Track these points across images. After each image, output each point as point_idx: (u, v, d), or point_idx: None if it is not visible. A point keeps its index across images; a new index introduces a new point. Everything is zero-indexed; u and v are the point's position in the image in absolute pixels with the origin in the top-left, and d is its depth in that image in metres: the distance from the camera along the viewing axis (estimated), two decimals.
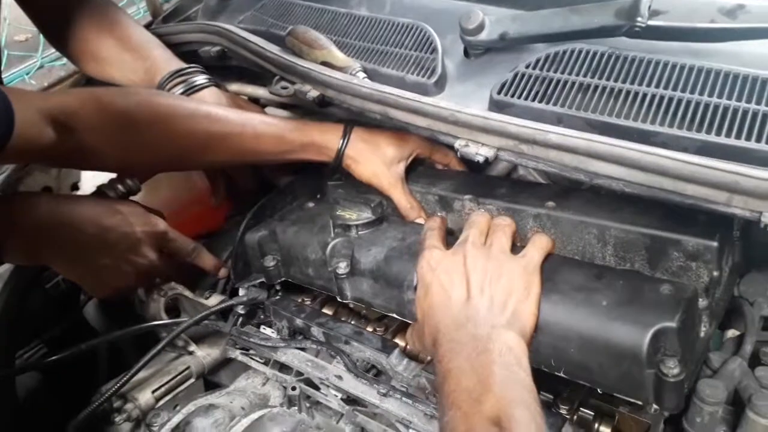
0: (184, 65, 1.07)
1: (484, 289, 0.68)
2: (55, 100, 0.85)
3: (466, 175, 1.00)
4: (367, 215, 0.88)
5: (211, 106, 0.97)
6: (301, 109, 1.21)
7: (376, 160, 0.94)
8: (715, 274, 0.70)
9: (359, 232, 0.88)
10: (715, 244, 0.69)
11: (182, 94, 1.04)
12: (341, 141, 0.94)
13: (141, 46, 1.09)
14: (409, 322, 0.81)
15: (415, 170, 0.99)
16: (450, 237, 0.81)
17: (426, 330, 0.70)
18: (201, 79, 1.07)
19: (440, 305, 0.69)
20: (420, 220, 0.93)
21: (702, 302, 0.70)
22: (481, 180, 0.97)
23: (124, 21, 1.13)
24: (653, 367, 0.62)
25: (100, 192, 0.97)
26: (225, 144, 0.94)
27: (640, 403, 0.66)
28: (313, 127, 0.97)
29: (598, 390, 0.69)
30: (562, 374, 0.69)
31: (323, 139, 0.95)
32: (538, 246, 0.73)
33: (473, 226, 0.77)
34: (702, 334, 0.72)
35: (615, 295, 0.67)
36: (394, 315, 0.82)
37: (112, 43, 1.09)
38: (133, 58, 1.08)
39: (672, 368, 0.61)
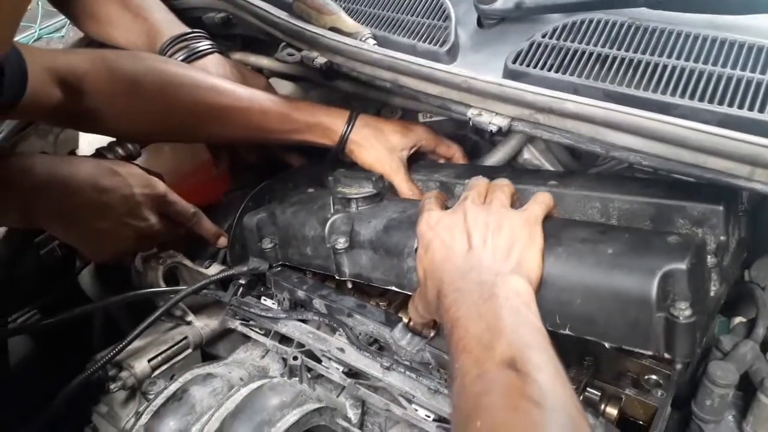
0: (187, 29, 1.05)
1: (487, 240, 0.65)
2: (65, 59, 0.83)
3: (468, 165, 1.00)
4: (368, 189, 0.86)
5: (219, 79, 0.95)
6: (305, 82, 1.18)
7: (379, 146, 0.94)
8: (723, 238, 0.68)
9: (359, 207, 0.87)
10: (721, 208, 0.67)
11: (184, 60, 1.01)
12: (346, 125, 0.94)
13: (142, 8, 1.06)
14: (410, 294, 0.79)
15: (417, 162, 1.00)
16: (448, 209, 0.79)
17: (429, 286, 0.67)
18: (204, 44, 1.04)
19: (442, 259, 0.66)
20: None
21: (711, 259, 0.67)
22: (483, 168, 0.97)
23: None
24: (663, 311, 0.59)
25: (99, 154, 0.95)
26: (231, 118, 0.93)
27: (649, 353, 0.61)
28: (320, 109, 0.97)
29: (606, 344, 0.65)
30: (567, 331, 0.65)
31: (329, 121, 0.95)
32: (539, 201, 0.70)
33: (472, 188, 0.74)
34: (712, 293, 0.69)
35: (621, 245, 0.64)
36: (394, 287, 0.80)
37: (113, 2, 1.06)
38: (134, 19, 1.05)
39: (683, 310, 0.57)
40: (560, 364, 0.54)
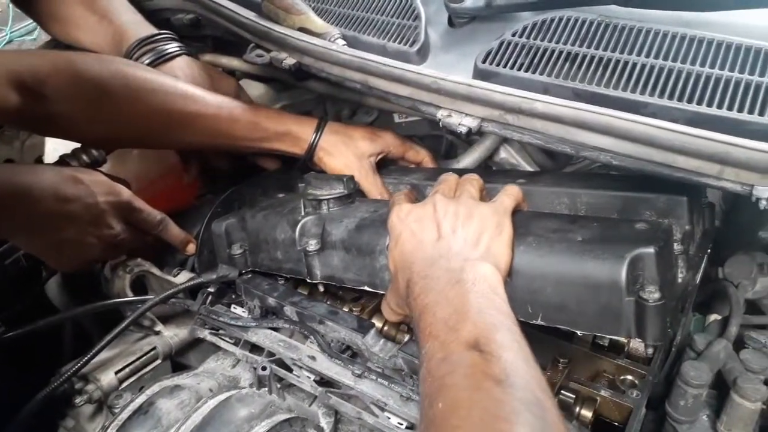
0: (155, 31, 1.02)
1: (456, 230, 0.66)
2: (25, 62, 0.81)
3: (438, 168, 1.01)
4: (339, 190, 0.85)
5: (188, 85, 0.94)
6: (278, 83, 1.16)
7: (347, 153, 0.94)
8: (688, 228, 0.69)
9: (330, 208, 0.86)
10: (685, 198, 0.68)
11: (151, 63, 0.99)
12: (315, 134, 0.94)
13: (108, 10, 1.03)
14: (383, 293, 0.78)
15: (387, 167, 1.00)
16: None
17: (399, 278, 0.67)
18: (172, 47, 1.01)
19: (412, 249, 0.66)
20: None
21: (677, 247, 0.68)
22: (453, 170, 0.95)
23: None
24: (633, 295, 0.59)
25: (63, 162, 0.92)
26: (199, 125, 0.91)
27: (622, 339, 0.63)
28: (289, 117, 0.97)
29: (578, 332, 0.66)
30: (540, 321, 0.65)
31: (298, 129, 0.95)
32: (508, 192, 0.71)
33: (441, 183, 0.75)
34: (680, 280, 0.70)
35: (590, 232, 0.65)
36: (366, 287, 0.79)
37: (78, 4, 1.03)
38: (100, 21, 1.02)
39: (653, 293, 0.58)
40: (527, 345, 0.55)
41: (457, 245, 0.64)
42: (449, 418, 0.48)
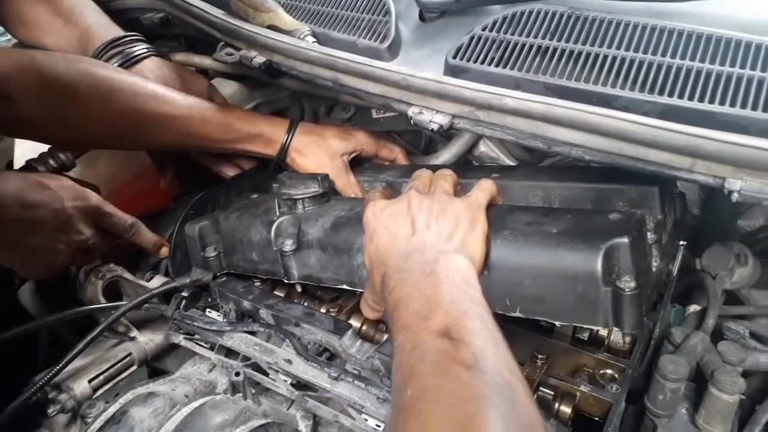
0: (121, 33, 1.00)
1: (431, 225, 0.66)
2: None
3: (413, 165, 1.01)
4: (314, 189, 0.84)
5: (159, 86, 0.92)
6: (252, 81, 1.15)
7: (320, 153, 0.94)
8: (660, 217, 0.70)
9: (306, 208, 0.85)
10: (656, 189, 0.69)
11: (120, 66, 0.96)
12: (287, 134, 0.94)
13: (74, 12, 1.00)
14: (361, 290, 0.78)
15: (362, 165, 1.00)
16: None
17: (375, 273, 0.67)
18: (140, 48, 0.99)
19: (387, 245, 0.66)
20: None
21: (651, 236, 0.69)
22: (427, 166, 0.97)
23: None
24: (609, 285, 0.60)
25: (30, 167, 0.90)
26: (170, 126, 0.90)
27: (598, 328, 0.64)
28: (261, 119, 0.96)
29: (556, 323, 0.67)
30: (518, 313, 0.66)
31: (270, 130, 0.95)
32: (482, 187, 0.71)
33: (415, 179, 0.75)
34: (654, 269, 0.71)
35: (565, 224, 0.66)
36: (345, 286, 0.79)
37: (43, 6, 1.00)
38: (65, 25, 1.00)
39: (629, 282, 0.59)
40: (498, 332, 0.55)
41: (431, 239, 0.64)
42: (417, 402, 0.48)
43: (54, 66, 0.83)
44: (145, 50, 0.99)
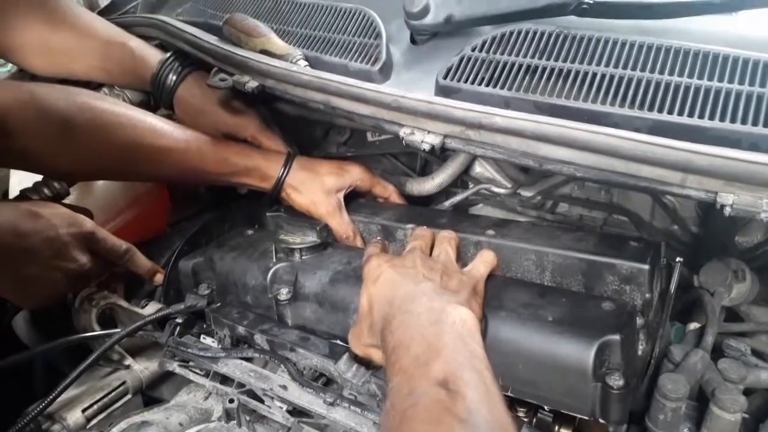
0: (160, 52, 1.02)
1: (437, 281, 0.67)
2: None
3: (408, 207, 1.01)
4: (311, 239, 0.85)
5: (156, 118, 0.93)
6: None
7: (315, 189, 0.94)
8: (648, 296, 0.71)
9: (303, 257, 0.86)
10: (646, 267, 0.70)
11: (175, 80, 0.99)
12: (282, 169, 0.94)
13: (111, 33, 1.02)
14: None
15: (357, 202, 1.00)
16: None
17: (375, 312, 0.67)
18: (186, 63, 1.01)
19: (394, 285, 0.67)
20: (358, 244, 0.93)
21: (639, 320, 0.70)
22: (423, 211, 0.99)
23: (73, 7, 1.04)
24: (599, 380, 0.62)
25: (24, 196, 0.90)
26: (167, 159, 0.90)
27: (586, 417, 0.65)
28: (257, 152, 0.96)
29: (545, 407, 0.69)
30: (510, 394, 0.67)
31: (266, 165, 0.95)
32: (484, 259, 0.75)
33: (418, 239, 0.78)
34: (640, 352, 0.72)
35: (560, 311, 0.68)
36: (339, 341, 0.79)
37: (66, 30, 1.00)
38: (106, 45, 1.00)
39: (617, 380, 0.61)
40: (496, 389, 0.55)
41: (439, 290, 0.66)
42: None
43: (53, 100, 0.84)
44: (189, 66, 1.01)
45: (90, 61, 1.02)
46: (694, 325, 0.84)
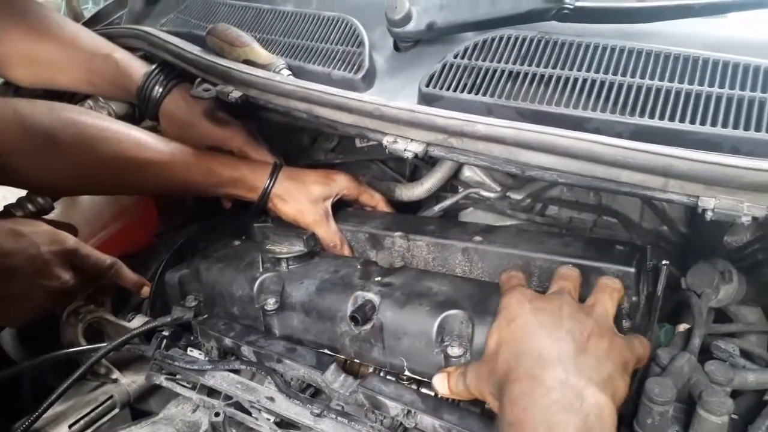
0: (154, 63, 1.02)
1: (581, 341, 0.58)
2: None
3: (396, 214, 1.01)
4: (298, 248, 0.85)
5: (142, 131, 0.92)
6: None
7: (301, 198, 0.93)
8: (634, 299, 0.71)
9: (290, 266, 0.85)
10: (632, 270, 0.70)
11: (161, 93, 0.98)
12: (269, 180, 0.93)
13: (95, 44, 1.01)
14: (342, 357, 0.77)
15: (345, 211, 0.99)
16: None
17: (500, 359, 0.60)
18: (171, 75, 1.01)
19: (527, 335, 0.59)
20: (346, 252, 0.92)
21: (626, 323, 0.70)
22: (411, 218, 0.99)
23: (57, 18, 1.04)
24: None
25: (7, 212, 0.90)
26: (153, 171, 0.90)
27: None
28: (244, 163, 0.96)
29: None
30: None
31: (252, 176, 0.94)
32: (639, 344, 0.66)
33: (567, 279, 0.67)
34: None
35: None
36: (326, 351, 0.79)
37: (49, 41, 1.00)
38: (91, 56, 1.00)
39: None
40: None
41: (581, 356, 0.57)
42: None
43: (37, 116, 0.83)
44: (174, 78, 1.00)
45: (75, 72, 1.02)
46: (683, 327, 0.84)
